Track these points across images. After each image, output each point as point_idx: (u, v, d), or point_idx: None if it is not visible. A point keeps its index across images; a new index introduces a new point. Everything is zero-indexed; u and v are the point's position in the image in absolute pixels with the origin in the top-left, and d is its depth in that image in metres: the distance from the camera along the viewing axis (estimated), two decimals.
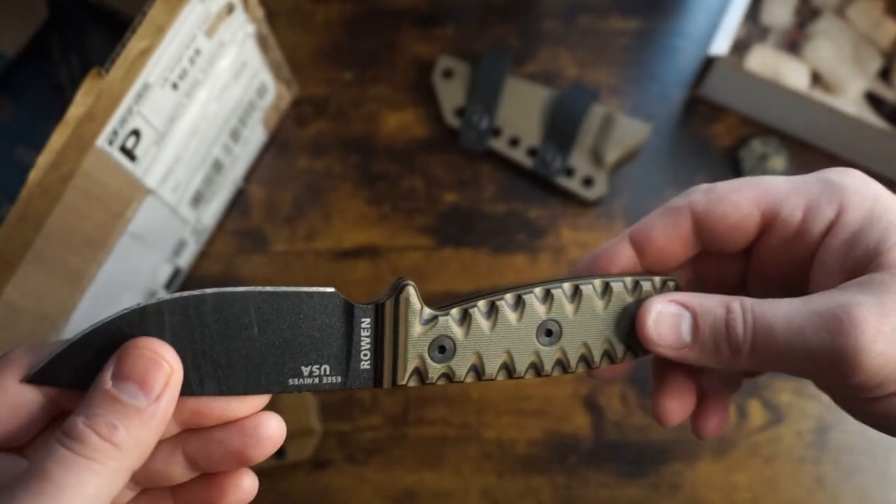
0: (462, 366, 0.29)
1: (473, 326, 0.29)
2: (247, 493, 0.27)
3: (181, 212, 0.51)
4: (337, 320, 0.27)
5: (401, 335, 0.28)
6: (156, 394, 0.24)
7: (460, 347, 0.29)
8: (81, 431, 0.23)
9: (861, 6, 0.59)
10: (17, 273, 0.39)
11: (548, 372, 0.30)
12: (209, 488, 0.27)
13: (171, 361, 0.24)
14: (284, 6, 0.63)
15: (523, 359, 0.30)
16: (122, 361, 0.24)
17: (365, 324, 0.27)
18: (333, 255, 0.56)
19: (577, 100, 0.57)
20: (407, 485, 0.50)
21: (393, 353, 0.28)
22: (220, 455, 0.26)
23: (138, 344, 0.24)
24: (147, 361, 0.24)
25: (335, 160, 0.59)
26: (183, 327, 0.25)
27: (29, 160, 0.54)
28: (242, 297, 0.25)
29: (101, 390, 0.24)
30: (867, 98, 0.58)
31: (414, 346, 0.28)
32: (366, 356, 0.27)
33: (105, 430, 0.23)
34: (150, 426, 0.24)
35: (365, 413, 0.52)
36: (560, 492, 0.50)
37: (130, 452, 0.23)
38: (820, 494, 0.50)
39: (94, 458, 0.22)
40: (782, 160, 0.57)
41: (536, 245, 0.56)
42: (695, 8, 0.63)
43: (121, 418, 0.23)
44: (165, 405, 0.24)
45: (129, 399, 0.23)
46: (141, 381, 0.24)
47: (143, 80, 0.41)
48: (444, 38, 0.62)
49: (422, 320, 0.28)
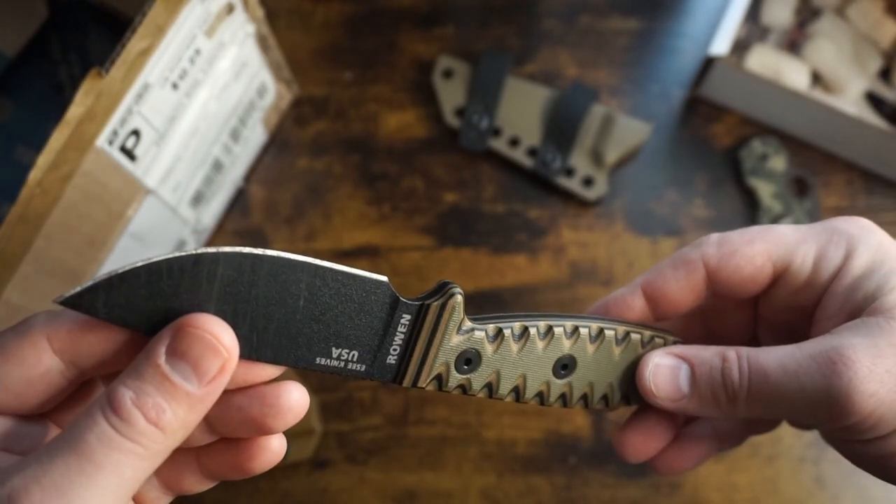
0: (480, 381, 0.29)
1: (503, 346, 0.29)
2: (275, 455, 0.26)
3: (181, 212, 0.51)
4: (380, 310, 0.27)
5: (436, 340, 0.28)
6: (209, 379, 0.23)
7: (484, 363, 0.29)
8: (129, 412, 0.22)
9: (861, 6, 0.59)
10: (17, 273, 0.39)
11: (550, 403, 0.31)
12: (236, 451, 0.26)
13: (228, 347, 0.23)
14: (284, 6, 0.63)
15: (534, 386, 0.30)
16: (179, 339, 0.23)
17: (405, 320, 0.27)
18: (333, 255, 0.56)
19: (577, 100, 0.57)
20: (407, 485, 0.50)
21: (423, 354, 0.28)
22: (238, 422, 0.25)
23: (198, 323, 0.23)
24: (205, 345, 0.23)
25: (335, 160, 0.59)
26: (233, 283, 0.24)
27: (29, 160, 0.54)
28: (300, 265, 0.25)
29: (153, 364, 0.22)
30: (867, 98, 0.58)
31: (444, 354, 0.28)
32: (395, 350, 0.27)
33: (153, 414, 0.22)
34: (198, 410, 0.23)
35: (365, 413, 0.52)
36: (560, 492, 0.50)
37: (174, 435, 0.23)
38: (820, 494, 0.50)
39: (138, 441, 0.22)
40: (782, 160, 0.57)
41: (536, 245, 0.56)
42: (695, 8, 0.63)
43: (170, 400, 0.22)
44: (216, 390, 0.23)
45: (181, 381, 0.22)
46: (195, 364, 0.22)
47: (143, 80, 0.41)
48: (444, 38, 0.62)
49: (461, 331, 0.28)
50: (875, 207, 0.56)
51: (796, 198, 0.56)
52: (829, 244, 0.30)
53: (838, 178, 0.57)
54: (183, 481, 0.27)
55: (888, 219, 0.56)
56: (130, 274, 0.23)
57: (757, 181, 0.56)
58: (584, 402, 0.32)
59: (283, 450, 0.27)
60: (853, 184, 0.57)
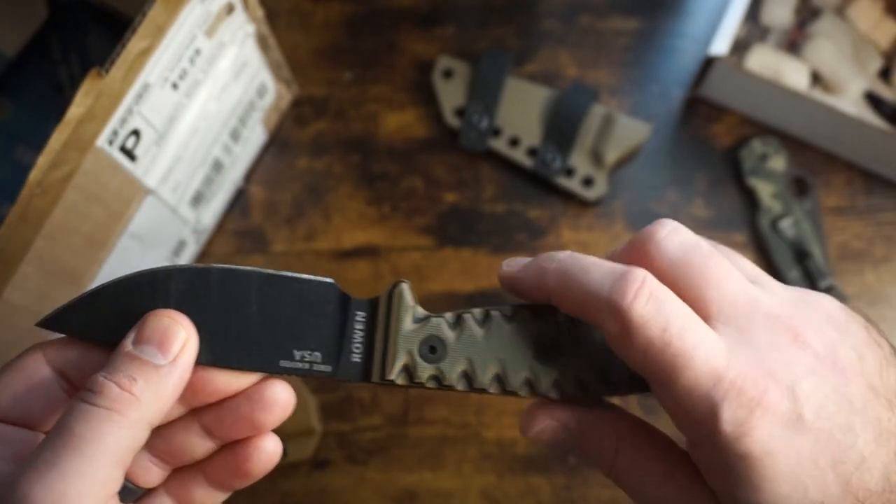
0: (453, 370, 0.28)
1: (466, 332, 0.29)
2: (271, 455, 0.28)
3: (181, 212, 0.51)
4: (332, 310, 0.28)
5: (392, 329, 0.28)
6: (173, 354, 0.25)
7: (451, 350, 0.28)
8: (101, 384, 0.24)
9: (861, 6, 0.59)
10: (17, 273, 0.39)
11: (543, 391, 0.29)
12: (233, 456, 0.28)
13: (187, 328, 0.26)
14: (284, 6, 0.63)
15: (519, 374, 0.29)
16: (143, 326, 0.26)
17: (359, 317, 0.28)
18: (333, 255, 0.56)
19: (577, 100, 0.57)
20: (407, 485, 0.50)
21: (384, 346, 0.28)
22: (232, 421, 0.28)
23: (159, 312, 0.26)
24: (166, 326, 0.26)
25: (335, 160, 0.59)
26: (187, 295, 0.27)
27: (29, 160, 0.54)
28: (246, 275, 0.27)
29: (122, 353, 0.25)
30: (867, 98, 0.58)
31: (404, 341, 0.28)
32: (357, 349, 0.28)
33: (125, 382, 0.24)
34: (168, 384, 0.25)
35: (365, 413, 0.52)
36: (560, 492, 0.50)
37: (149, 406, 0.25)
38: None
39: (113, 407, 0.24)
40: (782, 160, 0.57)
41: (536, 245, 0.56)
42: (695, 8, 0.63)
43: (140, 373, 0.25)
44: (182, 367, 0.26)
45: (149, 357, 0.25)
46: (159, 343, 0.25)
47: (143, 80, 0.41)
48: (444, 38, 0.62)
49: (414, 318, 0.28)
50: (875, 207, 0.56)
51: (796, 198, 0.56)
52: None
53: (838, 178, 0.57)
54: (194, 496, 0.29)
55: (888, 219, 0.56)
56: (96, 293, 0.26)
57: (757, 181, 0.56)
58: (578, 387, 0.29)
59: (279, 450, 0.29)
60: (853, 184, 0.57)
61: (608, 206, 0.57)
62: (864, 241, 0.56)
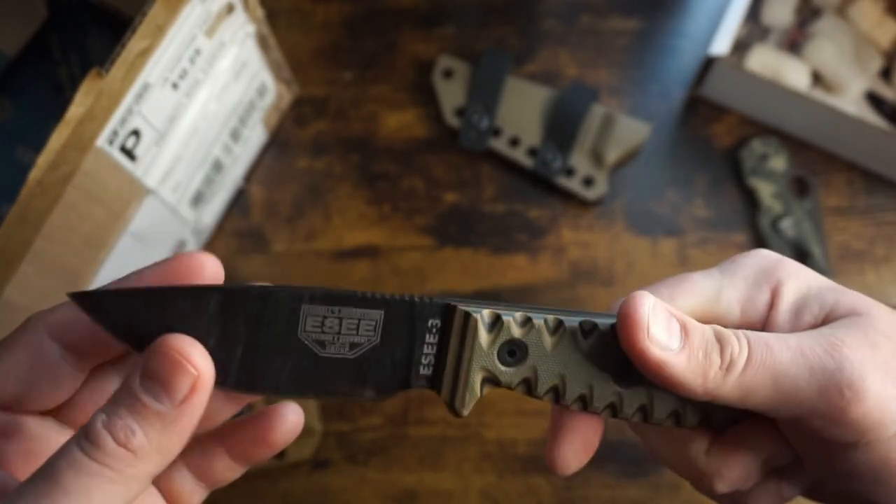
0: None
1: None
2: (294, 424, 0.27)
3: (181, 212, 0.51)
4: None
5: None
6: (179, 397, 0.22)
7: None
8: (98, 434, 0.22)
9: (862, 6, 0.59)
10: (17, 273, 0.39)
11: None
12: (255, 425, 0.27)
13: (197, 365, 0.22)
14: (284, 6, 0.63)
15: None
16: (148, 360, 0.23)
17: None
18: (333, 255, 0.56)
19: (577, 100, 0.57)
20: (407, 485, 0.50)
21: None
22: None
23: (165, 342, 0.23)
24: (171, 363, 0.22)
25: (335, 160, 0.59)
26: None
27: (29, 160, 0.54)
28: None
29: (127, 387, 0.22)
30: (868, 98, 0.58)
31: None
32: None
33: (122, 435, 0.22)
34: (173, 432, 0.22)
35: (365, 413, 0.52)
36: (560, 492, 0.50)
37: (149, 459, 0.22)
38: None
39: (107, 464, 0.21)
40: (782, 160, 0.57)
41: (536, 245, 0.56)
42: (695, 8, 0.63)
43: (141, 421, 0.22)
44: (191, 410, 0.22)
45: (151, 401, 0.22)
46: (165, 383, 0.22)
47: (143, 80, 0.41)
48: (444, 38, 0.62)
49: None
50: (875, 207, 0.56)
51: (796, 198, 0.56)
52: (752, 288, 0.28)
53: (838, 178, 0.57)
54: (214, 468, 0.27)
55: (888, 219, 0.56)
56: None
57: (757, 181, 0.56)
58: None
59: (301, 419, 0.27)
60: (853, 184, 0.57)
61: (608, 206, 0.57)
62: (865, 241, 0.55)
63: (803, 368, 0.25)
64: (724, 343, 0.26)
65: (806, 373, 0.25)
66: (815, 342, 0.25)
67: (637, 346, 0.25)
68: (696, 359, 0.25)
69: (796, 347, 0.25)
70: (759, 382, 0.25)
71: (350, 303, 0.25)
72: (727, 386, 0.25)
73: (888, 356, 0.26)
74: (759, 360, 0.25)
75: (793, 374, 0.25)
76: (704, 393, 0.26)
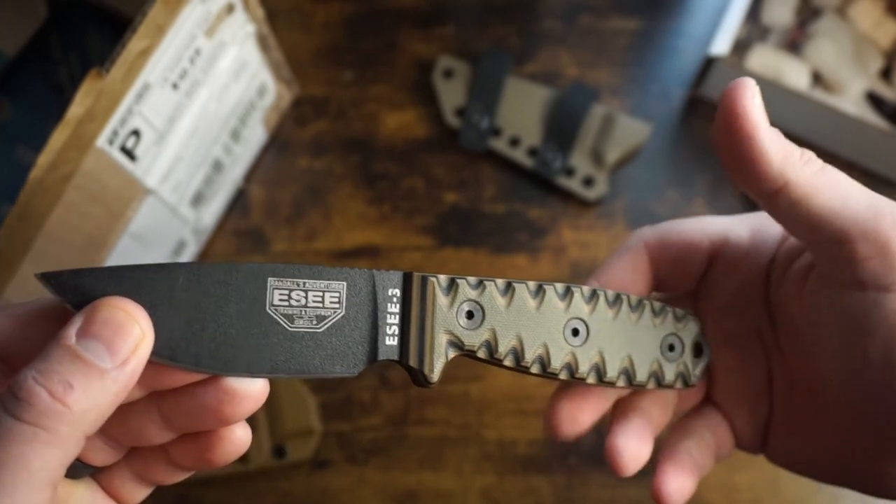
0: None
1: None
2: (240, 444, 0.25)
3: (181, 212, 0.51)
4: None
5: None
6: (122, 357, 0.21)
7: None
8: (30, 390, 0.20)
9: (862, 6, 0.59)
10: (17, 273, 0.39)
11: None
12: (197, 443, 0.25)
13: (143, 325, 0.22)
14: (284, 6, 0.63)
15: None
16: (92, 318, 0.22)
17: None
18: (333, 255, 0.56)
19: (577, 100, 0.57)
20: (407, 485, 0.50)
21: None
22: (195, 412, 0.24)
23: (112, 302, 0.22)
24: (118, 320, 0.22)
25: (335, 160, 0.59)
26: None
27: (29, 160, 0.54)
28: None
29: (61, 346, 0.21)
30: (868, 98, 0.58)
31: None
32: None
33: (59, 389, 0.20)
34: (111, 391, 0.21)
35: (365, 413, 0.52)
36: (560, 492, 0.50)
37: (84, 417, 0.21)
38: (821, 495, 0.49)
39: (40, 424, 0.20)
40: None
41: (537, 245, 0.56)
42: (695, 8, 0.63)
43: (80, 378, 0.21)
44: (131, 370, 0.22)
45: (93, 358, 0.21)
46: (109, 342, 0.21)
47: (143, 80, 0.41)
48: (444, 38, 0.62)
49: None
50: None
51: None
52: (763, 217, 0.31)
53: None
54: (155, 473, 0.26)
55: None
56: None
57: None
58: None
59: (248, 438, 0.26)
60: None
61: (609, 206, 0.57)
62: None
63: (865, 195, 0.28)
64: (804, 149, 0.28)
65: (866, 199, 0.27)
66: (858, 194, 0.28)
67: (740, 103, 0.26)
68: (781, 141, 0.27)
69: (844, 193, 0.28)
70: (828, 186, 0.27)
71: (314, 275, 0.26)
72: (802, 175, 0.27)
73: None
74: (832, 170, 0.28)
75: (856, 194, 0.27)
76: (779, 174, 0.27)
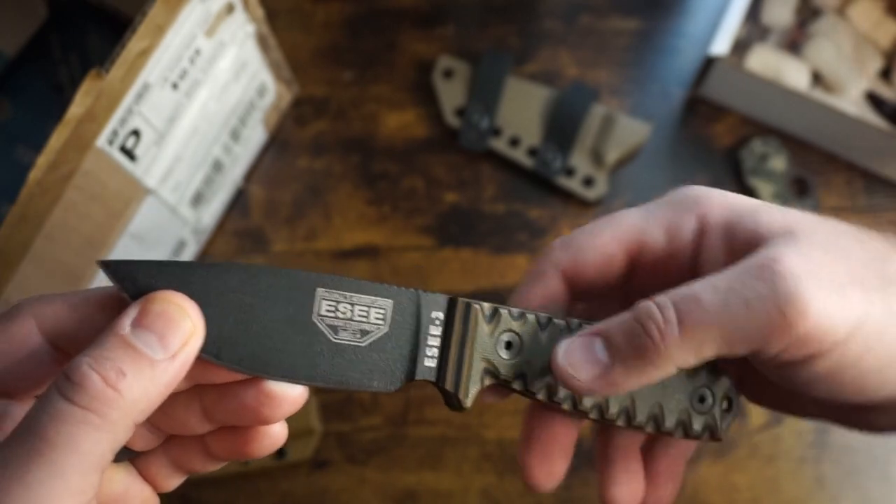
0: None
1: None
2: (275, 440, 0.26)
3: (181, 212, 0.51)
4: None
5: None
6: (174, 349, 0.22)
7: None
8: (84, 374, 0.21)
9: (862, 6, 0.59)
10: (17, 273, 0.39)
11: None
12: (238, 436, 0.26)
13: (195, 319, 0.23)
14: (284, 6, 0.63)
15: None
16: (147, 310, 0.23)
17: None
18: (333, 255, 0.56)
19: (577, 100, 0.57)
20: (407, 485, 0.50)
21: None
22: (235, 409, 0.25)
23: (167, 296, 0.23)
24: (172, 313, 0.23)
25: (335, 160, 0.59)
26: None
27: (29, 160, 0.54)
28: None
29: (115, 335, 0.22)
30: (868, 98, 0.58)
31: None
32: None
33: (112, 375, 0.21)
34: (161, 381, 0.22)
35: (365, 413, 0.52)
36: (560, 492, 0.50)
37: (134, 405, 0.22)
38: (820, 494, 0.50)
39: (91, 407, 0.21)
40: (782, 160, 0.57)
41: (537, 245, 0.56)
42: (695, 8, 0.63)
43: (132, 366, 0.22)
44: (180, 363, 0.23)
45: (145, 348, 0.22)
46: (162, 332, 0.22)
47: (143, 80, 0.41)
48: (444, 38, 0.62)
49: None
50: (875, 207, 0.56)
51: (796, 198, 0.56)
52: (676, 213, 0.29)
53: (838, 178, 0.57)
54: (191, 462, 0.27)
55: (888, 219, 0.56)
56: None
57: (757, 181, 0.56)
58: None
59: (284, 435, 0.26)
60: (853, 184, 0.57)
61: (609, 206, 0.57)
62: None
63: (739, 306, 0.24)
64: (645, 322, 0.25)
65: (743, 309, 0.24)
66: (745, 273, 0.25)
67: (579, 391, 0.27)
68: (629, 359, 0.26)
69: (726, 288, 0.25)
70: (702, 336, 0.25)
71: (362, 290, 0.26)
72: (676, 351, 0.25)
73: (825, 263, 0.25)
74: (691, 319, 0.25)
75: (731, 316, 0.24)
76: (662, 370, 0.26)
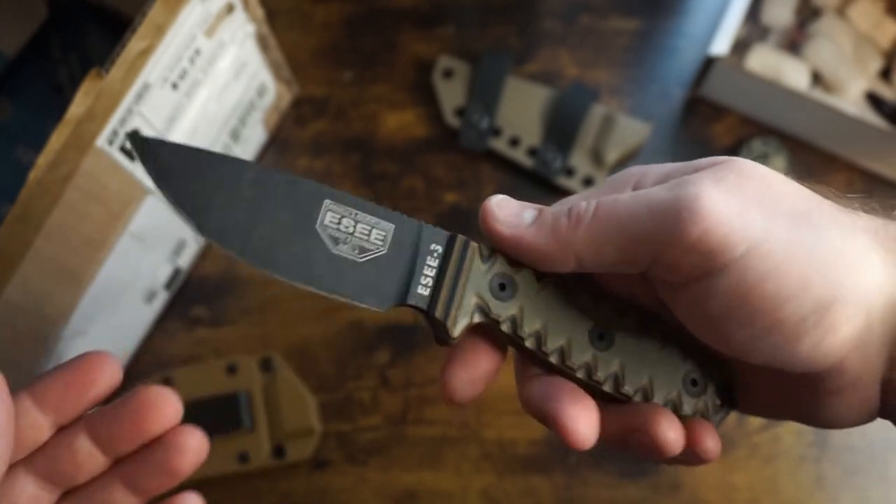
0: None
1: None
2: (197, 452, 0.27)
3: None
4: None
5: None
6: None
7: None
8: None
9: (862, 6, 0.59)
10: (17, 273, 0.39)
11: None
12: (154, 454, 0.27)
13: None
14: (284, 6, 0.63)
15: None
16: None
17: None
18: None
19: (577, 100, 0.57)
20: (407, 485, 0.50)
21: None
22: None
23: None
24: None
25: (335, 160, 0.59)
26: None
27: (29, 160, 0.54)
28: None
29: None
30: (868, 98, 0.58)
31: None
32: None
33: None
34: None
35: (365, 413, 0.52)
36: (560, 492, 0.50)
37: None
38: (820, 494, 0.50)
39: None
40: (782, 160, 0.57)
41: None
42: (695, 8, 0.63)
43: None
44: None
45: None
46: None
47: (143, 80, 0.41)
48: (444, 38, 0.62)
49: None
50: None
51: None
52: (611, 187, 0.29)
53: (838, 178, 0.57)
54: (114, 501, 0.27)
55: None
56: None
57: None
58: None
59: (205, 445, 0.27)
60: (853, 184, 0.57)
61: None
62: None
63: (642, 208, 0.25)
64: (572, 207, 0.27)
65: (644, 209, 0.25)
66: (662, 187, 0.26)
67: (490, 229, 0.28)
68: (546, 226, 0.27)
69: (642, 194, 0.26)
70: (607, 231, 0.26)
71: (367, 210, 0.28)
72: (579, 242, 0.26)
73: (737, 184, 0.25)
74: (604, 211, 0.26)
75: (633, 214, 0.25)
76: (561, 255, 0.27)
